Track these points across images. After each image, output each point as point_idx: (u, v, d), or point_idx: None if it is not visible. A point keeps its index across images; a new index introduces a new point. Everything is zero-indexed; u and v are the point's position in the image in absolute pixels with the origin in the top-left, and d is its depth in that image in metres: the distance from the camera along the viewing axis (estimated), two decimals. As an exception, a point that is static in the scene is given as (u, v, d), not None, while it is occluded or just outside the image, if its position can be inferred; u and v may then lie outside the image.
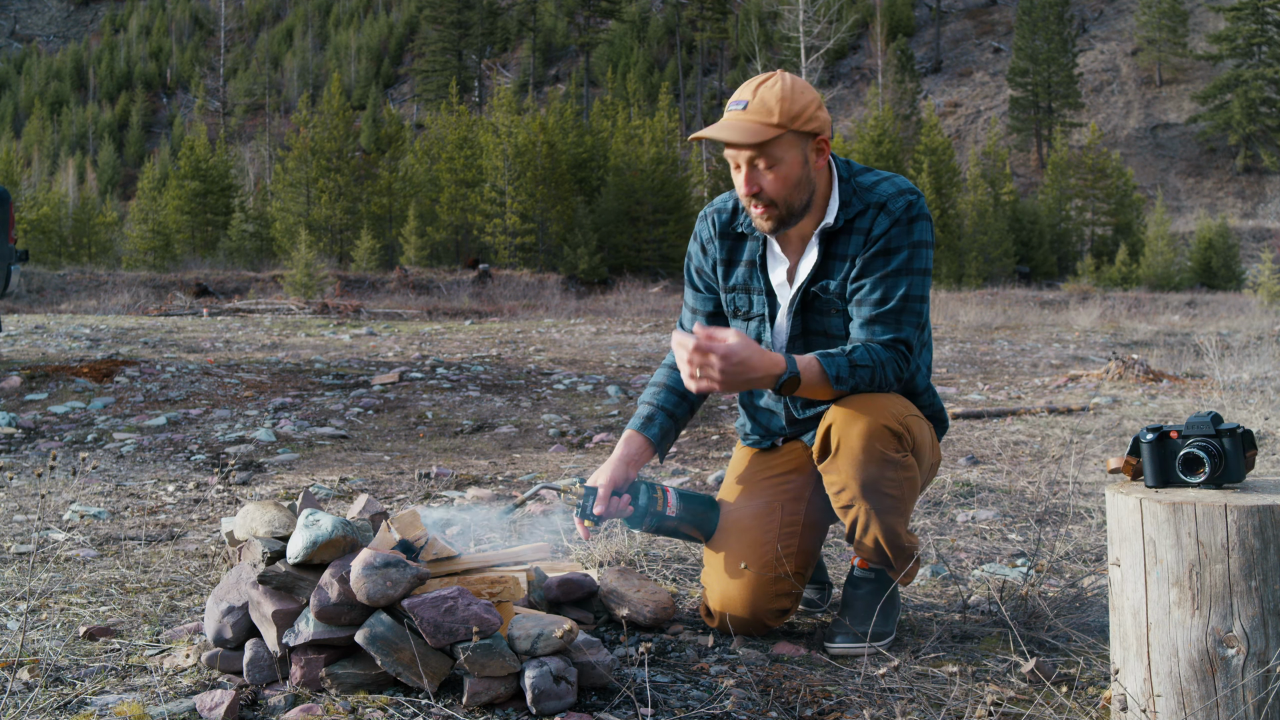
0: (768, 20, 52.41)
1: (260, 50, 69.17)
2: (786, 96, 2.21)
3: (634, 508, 2.34)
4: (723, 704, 1.97)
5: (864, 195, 2.31)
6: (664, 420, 2.45)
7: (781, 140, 2.22)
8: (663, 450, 2.46)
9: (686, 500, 2.41)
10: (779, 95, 2.21)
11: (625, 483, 2.34)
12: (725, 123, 2.24)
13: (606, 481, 2.31)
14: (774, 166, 2.23)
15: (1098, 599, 2.61)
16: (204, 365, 8.71)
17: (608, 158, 35.75)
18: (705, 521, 2.44)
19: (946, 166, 35.75)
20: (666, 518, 2.38)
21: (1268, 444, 5.19)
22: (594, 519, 2.29)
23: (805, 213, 2.31)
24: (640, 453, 2.40)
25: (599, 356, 10.83)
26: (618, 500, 2.31)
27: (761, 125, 2.20)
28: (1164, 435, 1.81)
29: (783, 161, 2.23)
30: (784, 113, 2.20)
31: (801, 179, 2.26)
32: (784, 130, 2.20)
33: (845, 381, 2.21)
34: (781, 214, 2.28)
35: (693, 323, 2.54)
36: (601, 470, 2.34)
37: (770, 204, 2.27)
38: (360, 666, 1.92)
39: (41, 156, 56.69)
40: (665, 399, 2.48)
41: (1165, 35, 56.13)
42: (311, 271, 22.93)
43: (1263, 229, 43.16)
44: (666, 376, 2.51)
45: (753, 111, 2.22)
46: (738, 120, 2.22)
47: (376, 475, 4.67)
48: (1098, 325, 17.88)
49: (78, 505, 3.79)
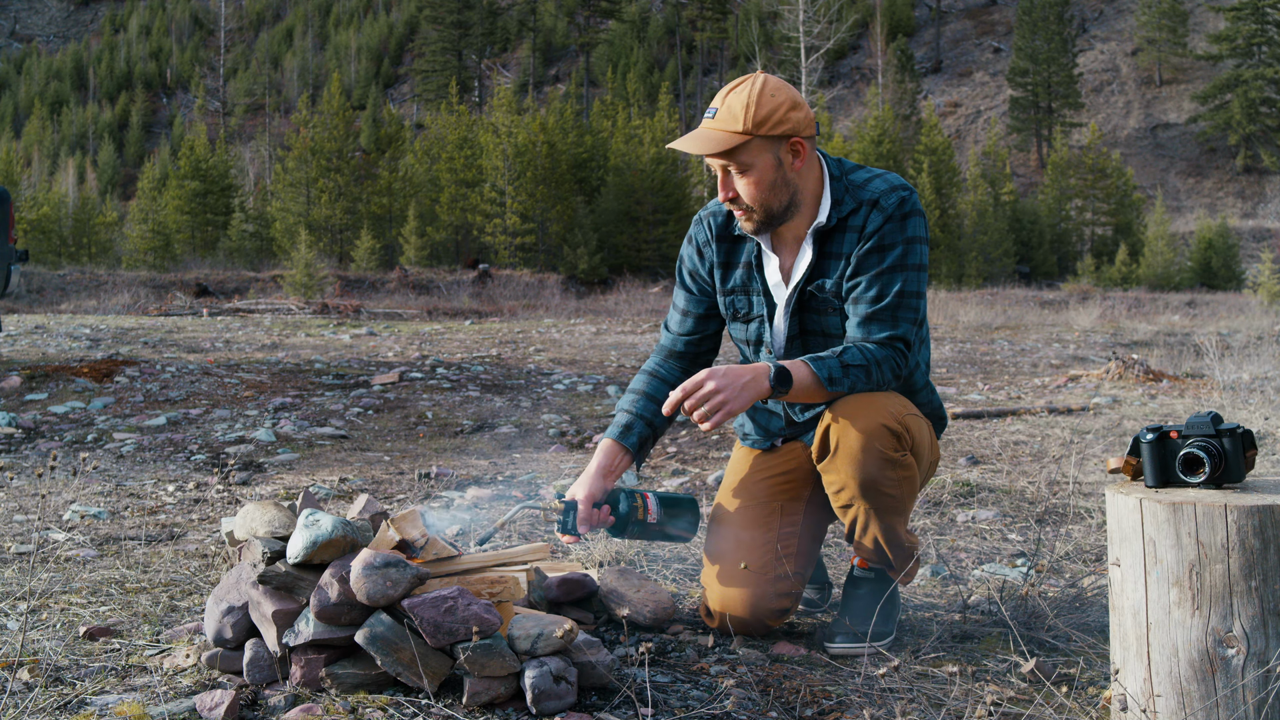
0: (768, 20, 52.45)
1: (260, 50, 69.19)
2: (753, 102, 2.20)
3: (615, 518, 2.33)
4: (723, 704, 1.97)
5: (856, 193, 2.31)
6: (642, 429, 2.43)
7: (749, 146, 2.21)
8: (640, 459, 2.45)
9: (666, 504, 2.41)
10: (745, 102, 2.20)
11: (604, 494, 2.33)
12: (694, 133, 2.26)
13: (585, 496, 2.29)
14: (746, 172, 2.23)
15: (1098, 599, 2.61)
16: (204, 365, 8.71)
17: (608, 158, 35.76)
18: (687, 523, 2.44)
19: (946, 166, 35.77)
20: (648, 525, 2.38)
21: (1268, 444, 5.19)
22: (576, 534, 2.29)
23: (789, 214, 2.31)
24: (618, 463, 2.38)
25: (599, 356, 10.83)
26: (598, 512, 2.30)
27: (726, 134, 2.20)
28: (1164, 435, 1.81)
29: (754, 167, 2.23)
30: (750, 119, 2.19)
31: (776, 182, 2.25)
32: (750, 136, 2.20)
33: (839, 383, 2.21)
34: (760, 218, 2.29)
35: (680, 325, 2.54)
36: (579, 484, 2.33)
37: (748, 209, 2.28)
38: (360, 666, 1.92)
39: (41, 156, 56.68)
40: (644, 407, 2.45)
41: (1165, 35, 56.13)
42: (311, 271, 22.94)
43: (1263, 229, 43.15)
44: (645, 384, 2.49)
45: (720, 120, 2.22)
46: (705, 130, 2.24)
47: (376, 475, 4.67)
48: (1098, 325, 17.89)
49: (78, 505, 3.79)
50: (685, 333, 2.53)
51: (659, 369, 2.52)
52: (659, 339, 2.62)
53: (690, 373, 2.57)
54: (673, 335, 2.55)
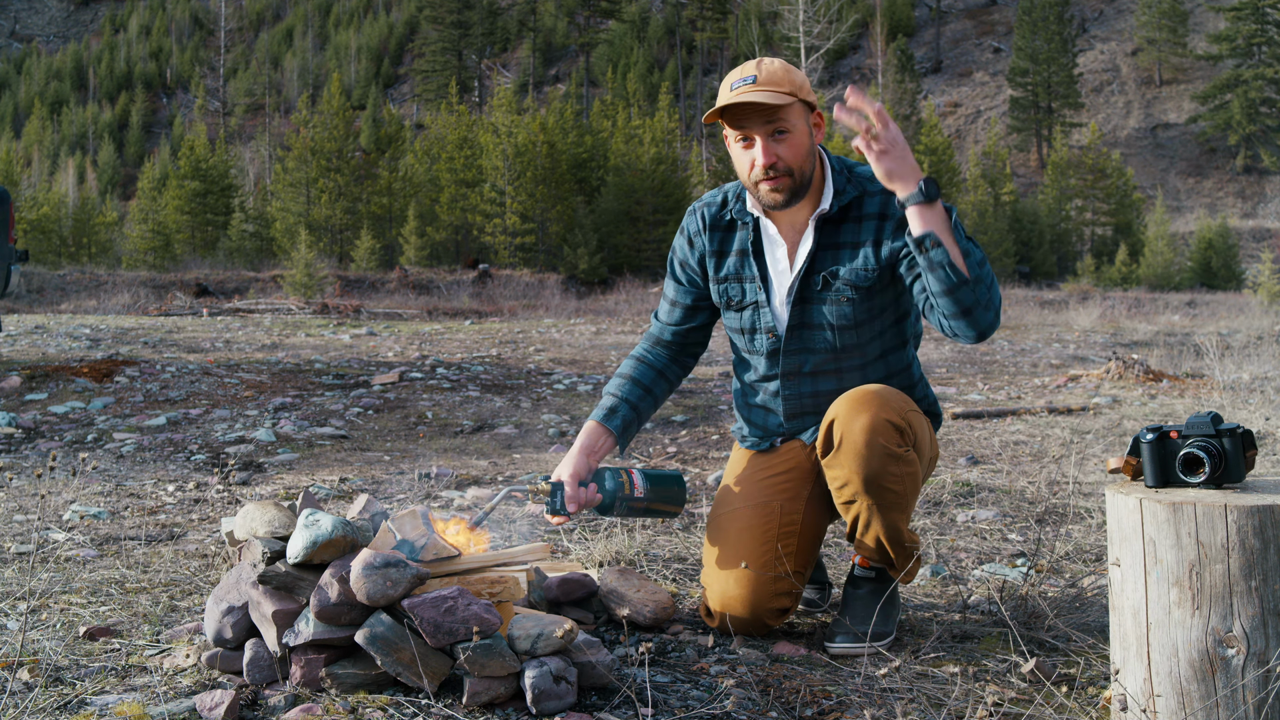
0: (768, 20, 52.43)
1: (260, 50, 69.17)
2: (788, 70, 2.29)
3: (602, 495, 2.34)
4: (723, 704, 1.96)
5: (862, 182, 2.35)
6: (627, 412, 2.46)
7: (794, 108, 2.27)
8: (624, 442, 2.48)
9: (652, 479, 2.42)
10: (782, 68, 2.29)
11: (589, 473, 2.35)
12: (744, 93, 2.25)
13: (570, 474, 2.32)
14: (788, 135, 2.27)
15: (1098, 599, 2.61)
16: (204, 365, 8.71)
17: (608, 158, 35.73)
18: (674, 496, 2.45)
19: (946, 166, 35.72)
20: (636, 499, 2.38)
21: (1268, 444, 5.19)
22: (565, 513, 2.30)
23: (807, 189, 2.33)
24: (601, 443, 2.42)
25: (599, 356, 10.83)
26: (585, 491, 2.32)
27: (778, 92, 2.24)
28: (1164, 435, 1.81)
29: (795, 130, 2.27)
30: (791, 83, 2.27)
31: (810, 149, 2.31)
32: (794, 99, 2.26)
33: (973, 253, 2.13)
34: (795, 184, 2.30)
35: (669, 315, 2.58)
36: (564, 464, 2.35)
37: (787, 173, 2.28)
38: (360, 666, 1.92)
39: (41, 156, 56.68)
40: (629, 391, 2.49)
41: (1165, 35, 56.12)
42: (311, 271, 22.93)
43: (1263, 229, 43.15)
44: (632, 369, 2.54)
45: (764, 83, 2.26)
46: (754, 90, 2.25)
47: (376, 475, 4.67)
48: (1098, 325, 17.88)
49: (78, 505, 3.79)
50: (673, 322, 2.58)
51: (646, 355, 2.58)
52: (648, 328, 2.65)
53: (678, 361, 2.60)
54: (661, 324, 2.60)
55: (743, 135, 2.29)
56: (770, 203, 2.32)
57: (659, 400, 2.56)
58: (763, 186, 2.30)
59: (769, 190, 2.30)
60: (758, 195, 2.34)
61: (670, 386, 2.59)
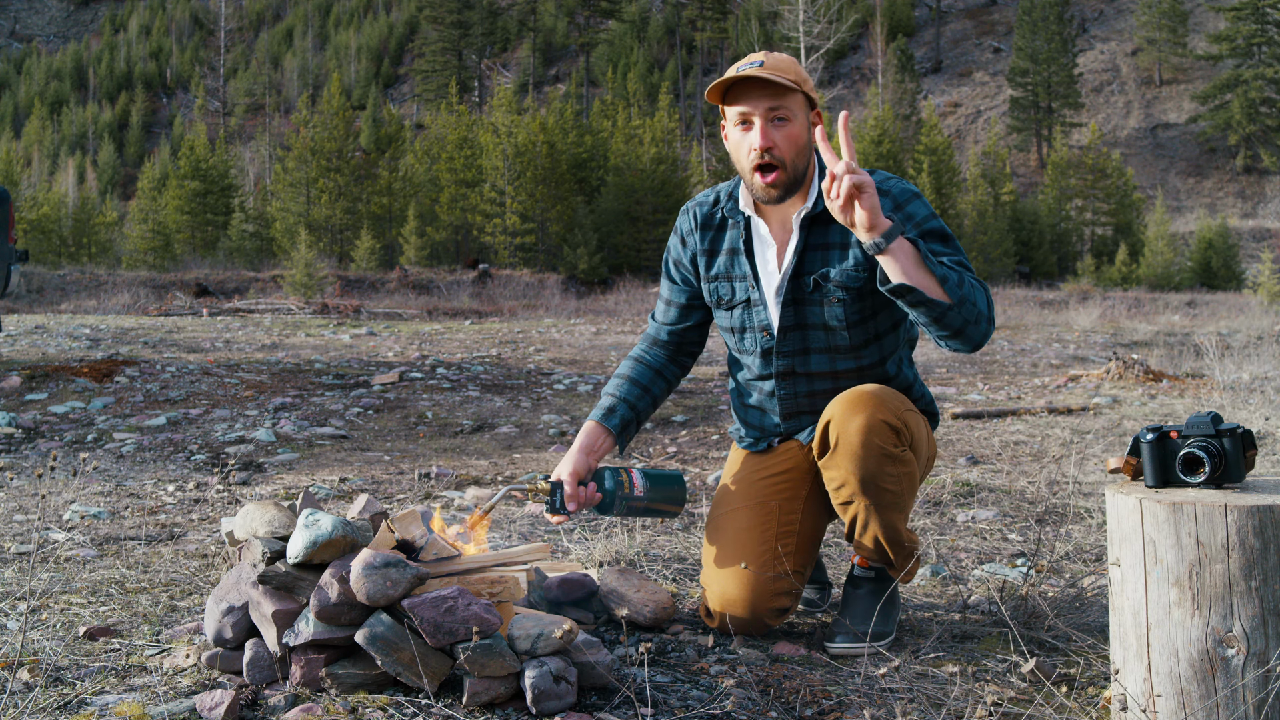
0: (768, 20, 52.43)
1: (260, 50, 69.16)
2: (795, 63, 2.30)
3: (601, 494, 2.35)
4: (723, 704, 1.96)
5: None
6: (625, 412, 2.47)
7: (796, 97, 2.28)
8: (623, 442, 2.48)
9: (652, 479, 2.42)
10: (789, 59, 2.30)
11: (588, 472, 2.36)
12: (751, 72, 2.25)
13: (570, 474, 2.32)
14: (787, 124, 2.27)
15: (1098, 599, 2.61)
16: (204, 365, 8.71)
17: (608, 158, 35.75)
18: (674, 496, 2.45)
19: (946, 166, 35.73)
20: (635, 499, 2.38)
21: (1268, 444, 5.19)
22: (565, 512, 2.30)
23: (799, 185, 2.33)
24: (600, 443, 2.42)
25: (599, 356, 10.83)
26: (585, 490, 2.33)
27: (784, 77, 2.24)
28: (1164, 435, 1.81)
29: (795, 120, 2.27)
30: (796, 73, 2.28)
31: (806, 144, 2.31)
32: (799, 89, 2.26)
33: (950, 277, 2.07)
34: (788, 178, 2.29)
35: (665, 314, 2.59)
36: (564, 463, 2.35)
37: (780, 164, 2.27)
38: (360, 666, 1.92)
39: (41, 156, 56.67)
40: (628, 391, 2.49)
41: (1165, 35, 56.12)
42: (311, 271, 22.93)
43: (1263, 229, 43.15)
44: (630, 369, 2.55)
45: (771, 68, 2.26)
46: (761, 71, 2.25)
47: (376, 475, 4.66)
48: (1098, 325, 17.88)
49: (78, 505, 3.79)
50: (669, 322, 2.58)
51: (644, 355, 2.58)
52: (646, 328, 2.65)
53: (676, 361, 2.61)
54: (657, 324, 2.61)
55: (742, 119, 2.29)
56: (764, 197, 2.32)
57: (658, 400, 2.56)
58: (757, 178, 2.30)
59: (763, 185, 2.29)
60: (752, 187, 2.33)
61: (669, 386, 2.60)
